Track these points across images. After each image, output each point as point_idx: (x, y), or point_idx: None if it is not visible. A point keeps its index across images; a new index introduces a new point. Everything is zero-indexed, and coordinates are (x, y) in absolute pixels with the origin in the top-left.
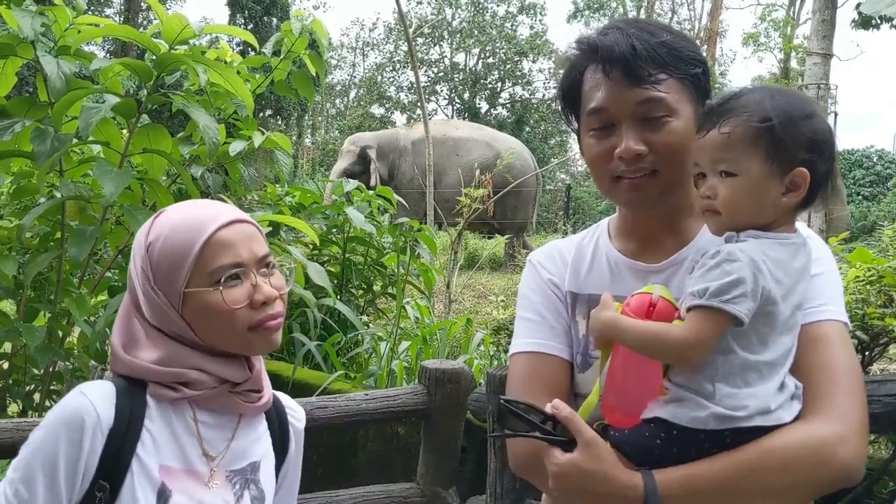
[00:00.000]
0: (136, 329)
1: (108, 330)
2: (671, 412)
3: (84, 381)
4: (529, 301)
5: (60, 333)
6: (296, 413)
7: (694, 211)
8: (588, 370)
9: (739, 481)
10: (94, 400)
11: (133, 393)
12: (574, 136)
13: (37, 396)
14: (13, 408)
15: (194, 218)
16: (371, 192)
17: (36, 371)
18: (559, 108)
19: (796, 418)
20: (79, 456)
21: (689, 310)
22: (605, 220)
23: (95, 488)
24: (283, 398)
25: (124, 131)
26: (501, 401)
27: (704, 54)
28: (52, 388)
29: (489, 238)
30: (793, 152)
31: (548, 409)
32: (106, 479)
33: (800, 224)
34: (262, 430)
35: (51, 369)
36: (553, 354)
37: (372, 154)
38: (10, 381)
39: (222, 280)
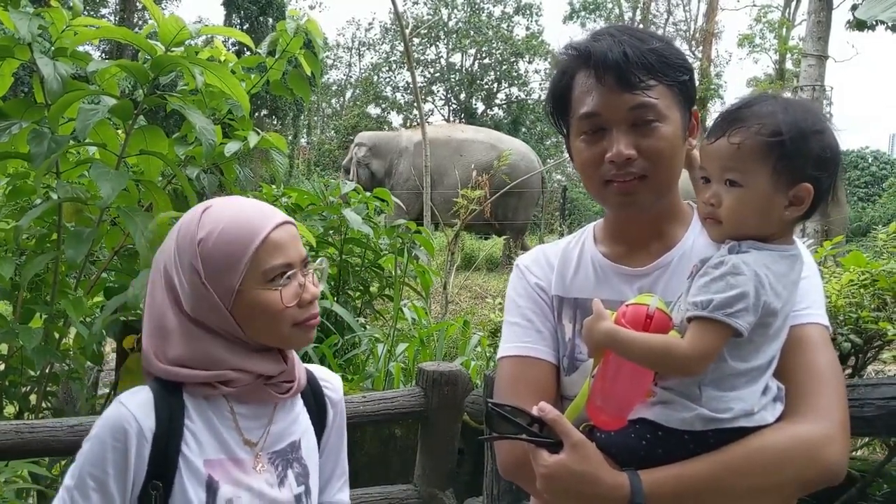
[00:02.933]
0: (170, 323)
1: (104, 331)
2: (657, 414)
3: (80, 383)
4: (516, 305)
5: (57, 335)
6: (330, 384)
7: (679, 215)
8: (574, 373)
9: (725, 480)
10: (133, 410)
11: (170, 395)
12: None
13: (33, 398)
14: (10, 409)
15: (247, 218)
16: (368, 194)
17: (32, 372)
18: (547, 110)
19: (778, 419)
20: (126, 463)
21: (690, 320)
22: (591, 225)
23: (150, 487)
24: (317, 371)
25: (119, 132)
26: (489, 404)
27: (700, 55)
28: (48, 389)
29: (486, 239)
30: (800, 168)
31: (534, 411)
32: (158, 478)
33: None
34: (298, 408)
35: (47, 370)
36: (540, 358)
37: (359, 151)
38: (7, 383)
39: (273, 279)
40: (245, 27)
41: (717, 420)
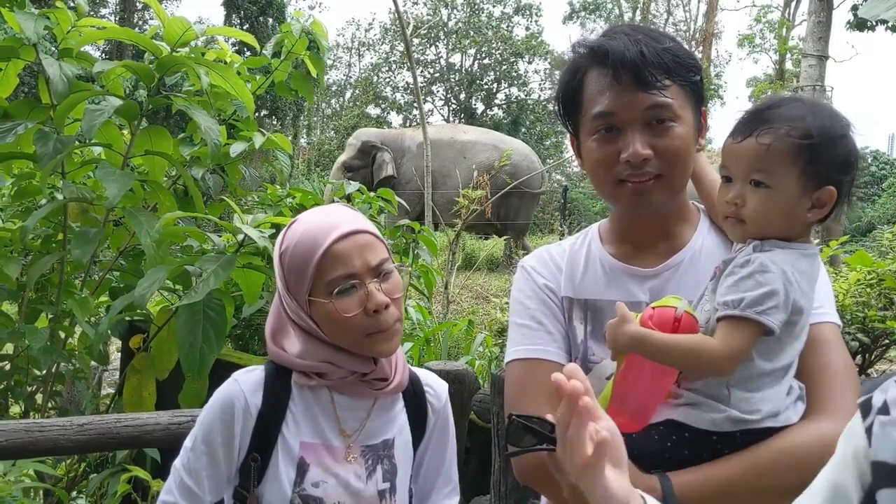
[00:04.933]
0: (284, 321)
1: (109, 332)
2: (685, 415)
3: (84, 382)
4: (525, 307)
5: (62, 335)
6: (434, 390)
7: (686, 215)
8: (588, 375)
9: (753, 481)
10: (245, 386)
11: (280, 379)
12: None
13: (39, 397)
14: (15, 409)
15: (314, 231)
16: (372, 194)
17: (38, 372)
18: (556, 109)
19: (801, 418)
20: (232, 433)
21: (720, 319)
22: (595, 225)
23: (250, 458)
24: (424, 376)
25: (125, 132)
26: (512, 416)
27: (700, 55)
28: (53, 389)
29: (486, 239)
30: (826, 171)
31: (550, 418)
32: (258, 451)
33: None
34: (398, 409)
35: (52, 370)
36: (552, 360)
37: (379, 147)
38: (13, 382)
39: (335, 292)
40: (245, 27)
41: (746, 421)
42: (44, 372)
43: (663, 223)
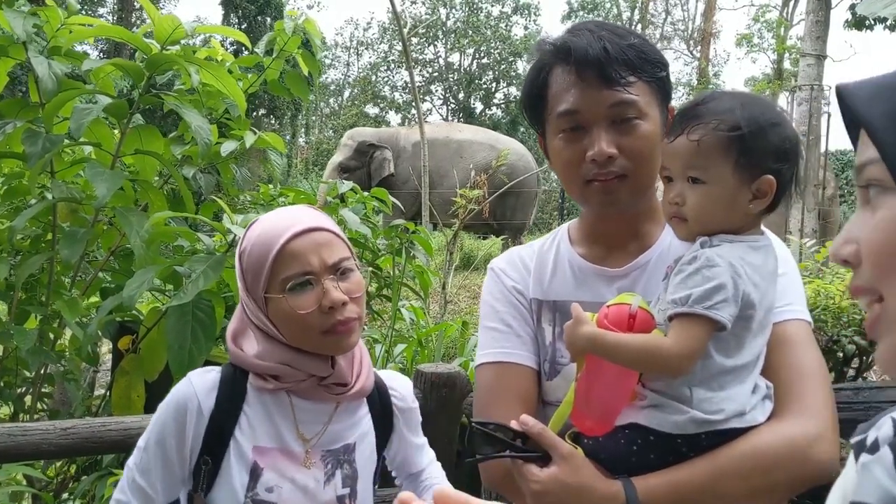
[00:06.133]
0: (245, 323)
1: (99, 332)
2: (649, 418)
3: (75, 384)
4: (494, 310)
5: (52, 336)
6: (399, 393)
7: (656, 215)
8: (556, 377)
9: (719, 485)
10: (198, 388)
11: (236, 381)
12: None
13: (28, 399)
14: (4, 410)
15: (271, 230)
16: (366, 194)
17: (27, 373)
18: (523, 109)
19: (769, 418)
20: (184, 435)
21: (672, 318)
22: (565, 226)
23: (202, 461)
24: (388, 378)
25: (115, 131)
26: (473, 423)
27: (698, 55)
28: (43, 390)
29: (484, 238)
30: (761, 161)
31: (514, 424)
32: (209, 454)
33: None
34: (361, 414)
35: (42, 371)
36: (520, 363)
37: (377, 145)
38: (2, 384)
39: (288, 287)
40: (243, 27)
41: (710, 422)
42: (33, 373)
43: (632, 222)
